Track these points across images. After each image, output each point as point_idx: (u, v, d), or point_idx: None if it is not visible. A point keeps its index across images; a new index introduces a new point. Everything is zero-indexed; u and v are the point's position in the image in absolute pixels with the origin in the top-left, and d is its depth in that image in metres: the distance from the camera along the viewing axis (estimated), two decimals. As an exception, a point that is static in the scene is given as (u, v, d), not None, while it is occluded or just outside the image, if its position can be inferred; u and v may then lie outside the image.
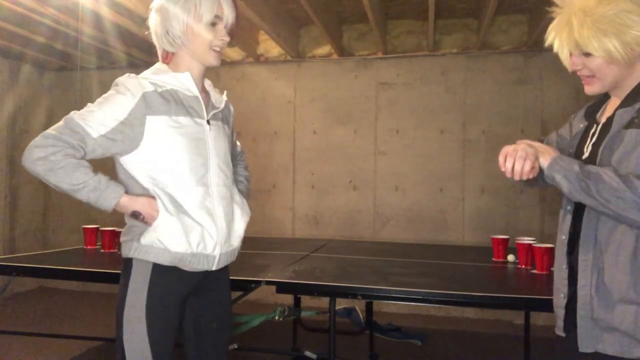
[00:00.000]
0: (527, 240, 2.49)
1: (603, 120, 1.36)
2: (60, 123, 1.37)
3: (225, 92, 1.65)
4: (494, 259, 2.65)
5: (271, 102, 4.99)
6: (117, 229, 2.72)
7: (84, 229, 2.90)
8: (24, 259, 2.49)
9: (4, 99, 5.00)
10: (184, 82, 1.48)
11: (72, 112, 1.39)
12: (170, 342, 1.44)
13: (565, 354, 1.34)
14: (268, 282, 2.03)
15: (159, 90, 1.43)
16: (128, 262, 1.44)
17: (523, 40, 4.45)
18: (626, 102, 1.29)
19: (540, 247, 2.29)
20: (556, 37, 1.34)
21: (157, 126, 1.40)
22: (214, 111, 1.55)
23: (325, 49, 4.84)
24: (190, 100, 1.49)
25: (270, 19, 3.97)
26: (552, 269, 2.26)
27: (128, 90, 1.39)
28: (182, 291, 1.47)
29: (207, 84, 1.61)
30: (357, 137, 4.83)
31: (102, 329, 3.98)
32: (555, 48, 1.37)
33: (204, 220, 1.45)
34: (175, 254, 1.42)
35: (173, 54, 1.52)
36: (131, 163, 1.44)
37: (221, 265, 1.54)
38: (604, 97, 1.43)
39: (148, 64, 1.56)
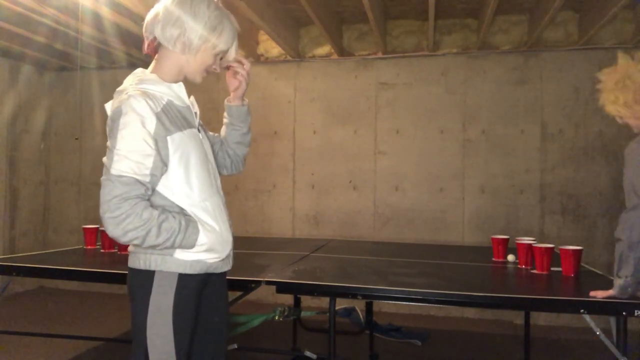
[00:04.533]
0: (527, 240, 2.49)
1: None
2: (113, 185, 1.32)
3: (192, 96, 1.59)
4: (494, 259, 2.65)
5: (271, 102, 4.99)
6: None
7: (84, 229, 2.90)
8: (24, 259, 2.49)
9: (4, 99, 5.00)
10: (177, 92, 1.49)
11: (110, 169, 1.34)
12: (190, 339, 1.46)
13: None
14: (268, 282, 2.03)
15: (162, 106, 1.42)
16: (148, 271, 1.43)
17: (523, 40, 4.45)
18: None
19: (540, 247, 2.29)
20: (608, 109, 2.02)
21: (176, 144, 1.41)
22: (197, 117, 1.56)
23: (325, 49, 4.84)
24: (184, 111, 1.50)
25: (270, 19, 3.97)
26: (552, 268, 2.26)
27: (141, 117, 1.35)
28: (201, 289, 1.51)
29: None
30: (357, 137, 4.83)
31: (102, 329, 3.98)
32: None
33: (225, 225, 1.52)
34: (211, 264, 1.48)
35: (160, 47, 1.49)
36: (161, 186, 1.43)
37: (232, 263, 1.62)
38: None
39: (148, 64, 1.55)
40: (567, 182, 4.37)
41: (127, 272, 1.50)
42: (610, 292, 1.79)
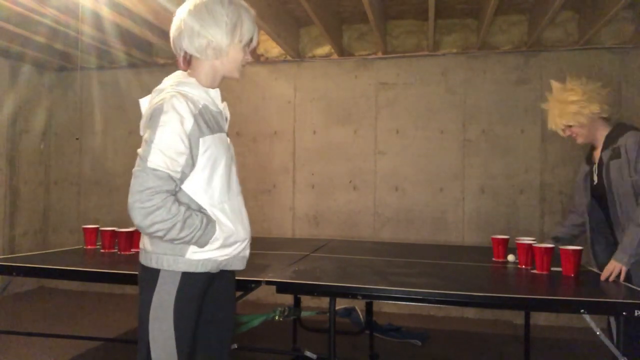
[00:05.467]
0: (527, 240, 2.49)
1: (596, 161, 2.43)
2: (147, 177, 1.38)
3: (225, 102, 1.68)
4: (494, 259, 2.65)
5: (271, 102, 4.99)
6: (117, 229, 2.72)
7: (84, 229, 2.90)
8: (24, 259, 2.49)
9: (4, 99, 5.00)
10: (213, 97, 1.57)
11: (146, 162, 1.39)
12: (192, 335, 1.51)
13: None
14: (268, 282, 2.03)
15: (199, 108, 1.49)
16: (156, 269, 1.49)
17: (523, 40, 4.45)
18: (605, 147, 2.38)
19: (540, 247, 2.29)
20: (552, 124, 2.49)
21: (206, 146, 1.48)
22: (227, 123, 1.65)
23: (325, 49, 4.84)
24: (217, 116, 1.58)
25: (270, 19, 3.97)
26: (552, 268, 2.26)
27: (180, 117, 1.42)
28: (205, 287, 1.54)
29: None
30: (357, 137, 4.83)
31: (102, 329, 3.98)
32: (554, 128, 2.49)
33: (242, 226, 1.58)
34: (221, 262, 1.53)
35: (192, 59, 1.56)
36: (186, 184, 1.49)
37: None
38: (591, 149, 2.51)
39: (148, 64, 1.57)
40: (567, 182, 4.37)
41: (126, 272, 1.54)
42: (619, 268, 2.11)
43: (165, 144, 1.40)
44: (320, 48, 4.86)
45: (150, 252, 1.50)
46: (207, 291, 1.56)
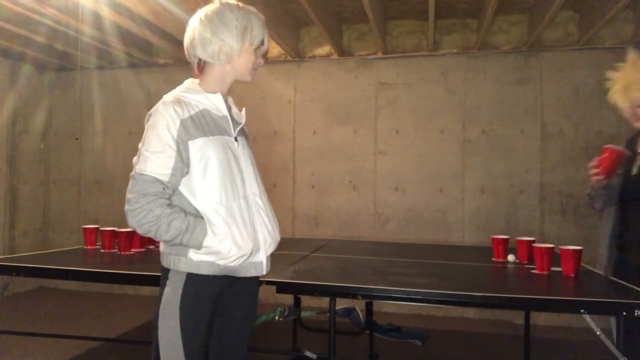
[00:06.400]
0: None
1: None
2: (135, 181, 1.46)
3: (244, 108, 1.73)
4: (494, 259, 2.65)
5: (271, 102, 4.99)
6: (117, 229, 2.72)
7: (84, 229, 2.90)
8: (24, 259, 2.49)
9: (4, 99, 5.00)
10: (215, 102, 1.59)
11: (135, 167, 1.47)
12: (201, 335, 1.53)
13: None
14: (268, 282, 2.03)
15: (192, 113, 1.52)
16: (167, 268, 1.55)
17: (523, 40, 4.45)
18: None
19: (540, 247, 2.28)
20: (622, 96, 2.17)
21: (197, 148, 1.50)
22: (238, 127, 1.66)
23: (325, 49, 4.84)
24: (220, 120, 1.59)
25: (270, 19, 3.96)
26: (552, 268, 2.26)
27: (166, 121, 1.47)
28: (216, 288, 1.55)
29: (230, 100, 1.71)
30: (357, 137, 4.83)
31: (102, 329, 3.98)
32: (619, 103, 2.20)
33: (240, 231, 1.53)
34: (225, 267, 1.53)
35: (205, 64, 1.60)
36: (182, 187, 1.52)
37: (269, 269, 1.66)
38: (637, 134, 2.24)
39: (148, 64, 1.58)
40: (567, 182, 4.37)
41: (126, 272, 1.69)
42: None
43: (152, 149, 1.46)
44: (320, 48, 4.86)
45: (162, 252, 1.57)
46: (222, 293, 1.58)
